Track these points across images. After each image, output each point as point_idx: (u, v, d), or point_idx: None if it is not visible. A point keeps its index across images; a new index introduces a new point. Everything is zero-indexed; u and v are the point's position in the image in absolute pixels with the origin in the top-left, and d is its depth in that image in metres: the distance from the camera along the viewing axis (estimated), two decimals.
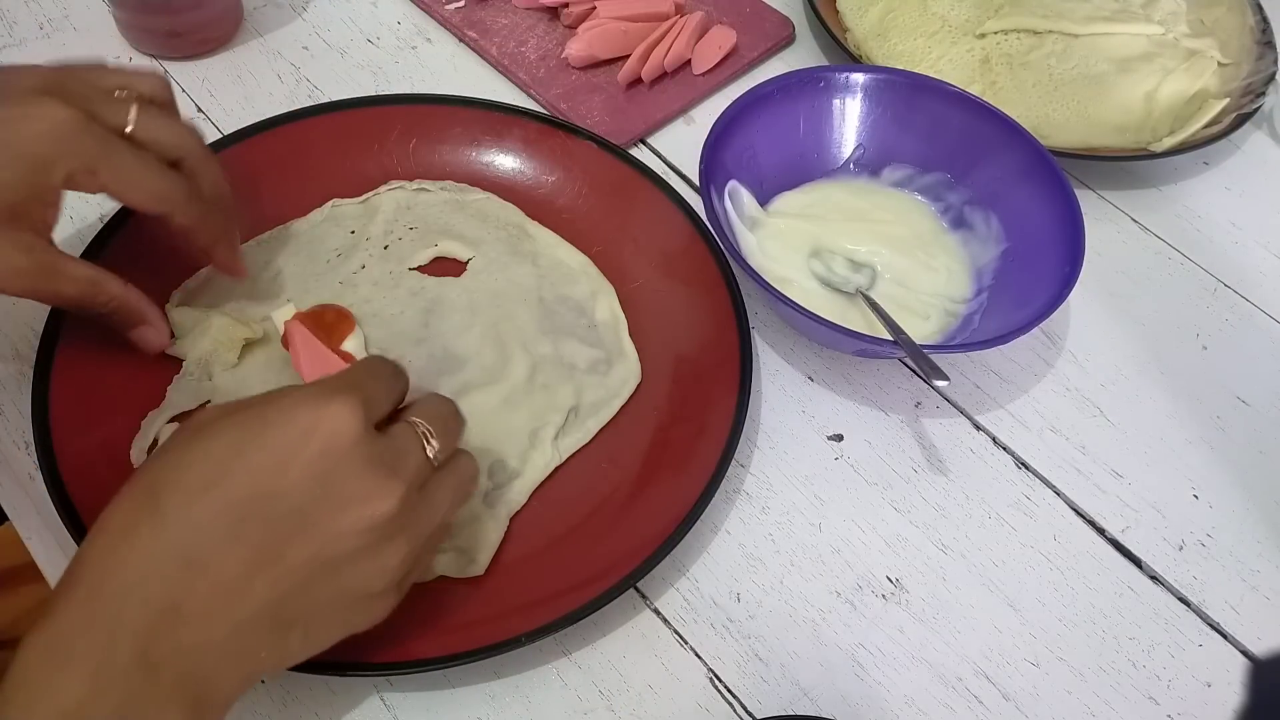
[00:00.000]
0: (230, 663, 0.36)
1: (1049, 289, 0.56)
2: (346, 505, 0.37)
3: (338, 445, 0.37)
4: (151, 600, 0.35)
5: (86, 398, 0.50)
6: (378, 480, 0.37)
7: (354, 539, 0.37)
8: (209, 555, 0.35)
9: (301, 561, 0.36)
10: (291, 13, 0.72)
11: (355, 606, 0.39)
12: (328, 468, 0.37)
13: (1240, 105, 0.70)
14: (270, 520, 0.36)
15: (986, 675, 0.50)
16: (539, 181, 0.62)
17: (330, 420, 0.37)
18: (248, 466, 0.36)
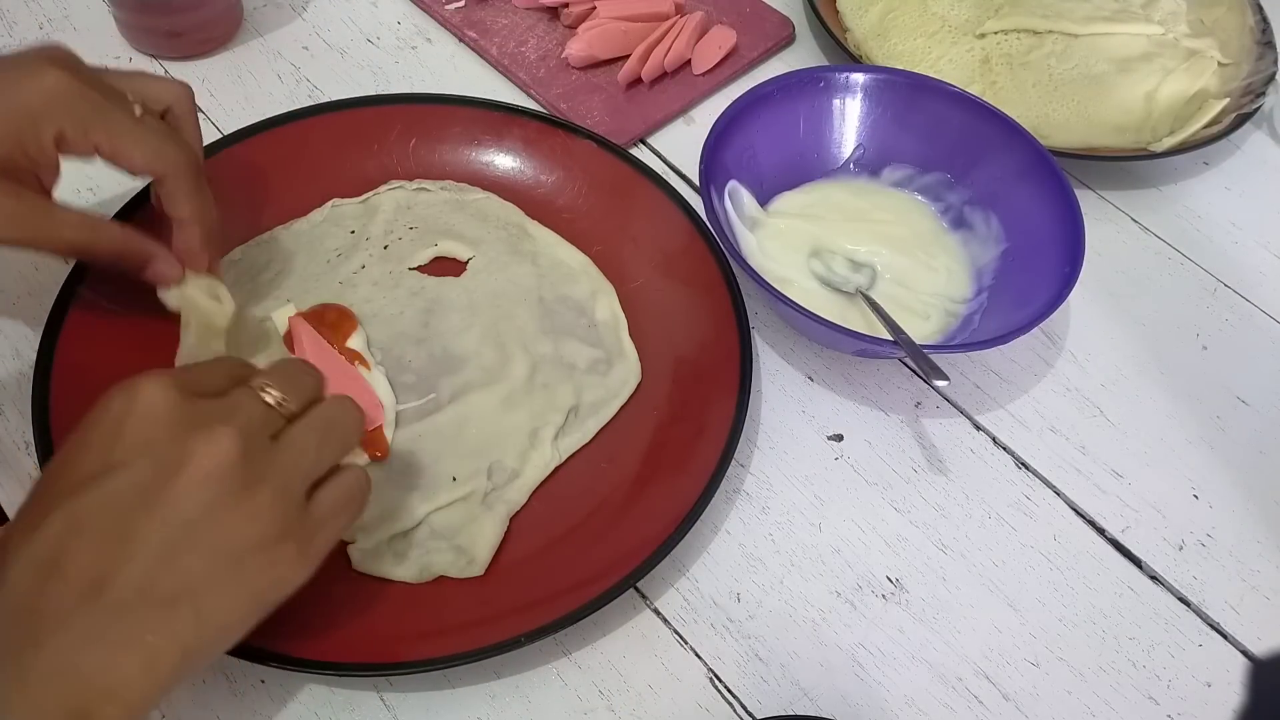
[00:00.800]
0: (114, 659, 0.34)
1: (1049, 289, 0.56)
2: (179, 465, 0.36)
3: (154, 414, 0.36)
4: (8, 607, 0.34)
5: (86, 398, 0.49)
6: (206, 433, 0.36)
7: (199, 493, 0.36)
8: (53, 552, 0.35)
9: (151, 531, 0.35)
10: (291, 13, 0.72)
11: (247, 567, 0.37)
12: (150, 437, 0.36)
13: (1240, 105, 0.70)
14: (105, 502, 0.35)
15: (986, 675, 0.50)
16: (539, 181, 0.62)
17: (139, 397, 0.37)
18: (77, 464, 0.36)
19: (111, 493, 0.35)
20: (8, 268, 0.58)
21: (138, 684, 0.35)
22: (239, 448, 0.37)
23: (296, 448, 0.39)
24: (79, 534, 0.35)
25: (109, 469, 0.36)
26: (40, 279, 0.57)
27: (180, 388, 0.38)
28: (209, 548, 0.36)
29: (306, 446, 0.39)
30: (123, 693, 0.35)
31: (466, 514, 0.49)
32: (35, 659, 0.34)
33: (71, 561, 0.35)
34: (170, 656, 0.35)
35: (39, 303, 0.55)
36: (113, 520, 0.35)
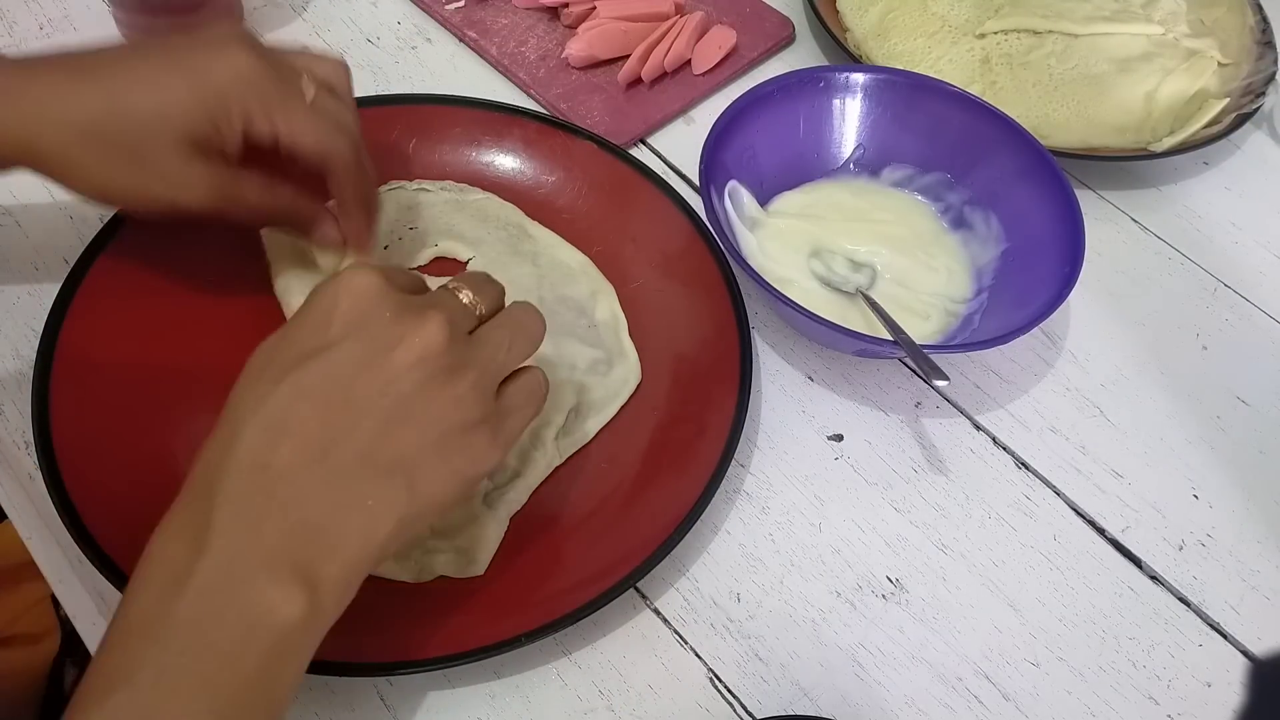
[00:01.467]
0: (337, 518, 0.37)
1: (1049, 289, 0.56)
2: (393, 344, 0.38)
3: (366, 298, 0.39)
4: (242, 464, 0.36)
5: (86, 398, 0.50)
6: (415, 317, 0.39)
7: (413, 373, 0.38)
8: (282, 416, 0.37)
9: (371, 402, 0.38)
10: (291, 13, 0.72)
11: (450, 447, 0.39)
12: (363, 318, 0.39)
13: (1240, 105, 0.70)
14: (328, 373, 0.38)
15: (986, 675, 0.50)
16: (539, 181, 0.62)
17: (352, 283, 0.39)
18: (295, 341, 0.39)
19: (334, 364, 0.38)
20: (8, 267, 0.58)
21: (357, 545, 0.37)
22: (446, 334, 0.39)
23: (492, 343, 0.42)
24: (306, 401, 0.37)
25: (328, 344, 0.38)
26: (40, 279, 0.57)
27: (386, 279, 0.40)
28: (421, 424, 0.38)
29: (500, 343, 0.42)
30: (343, 552, 0.37)
31: (467, 514, 0.49)
32: (267, 511, 0.36)
33: (300, 426, 0.37)
34: (387, 522, 0.38)
35: (39, 303, 0.56)
36: (337, 390, 0.38)
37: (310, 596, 0.36)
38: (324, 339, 0.38)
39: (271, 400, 0.37)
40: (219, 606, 0.35)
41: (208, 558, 0.35)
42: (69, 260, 0.54)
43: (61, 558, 0.49)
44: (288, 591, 0.36)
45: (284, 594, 0.36)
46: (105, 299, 0.53)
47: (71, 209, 0.60)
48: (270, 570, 0.36)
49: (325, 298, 0.39)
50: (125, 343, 0.52)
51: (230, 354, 0.52)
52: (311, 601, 0.36)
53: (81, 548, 0.45)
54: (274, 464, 0.37)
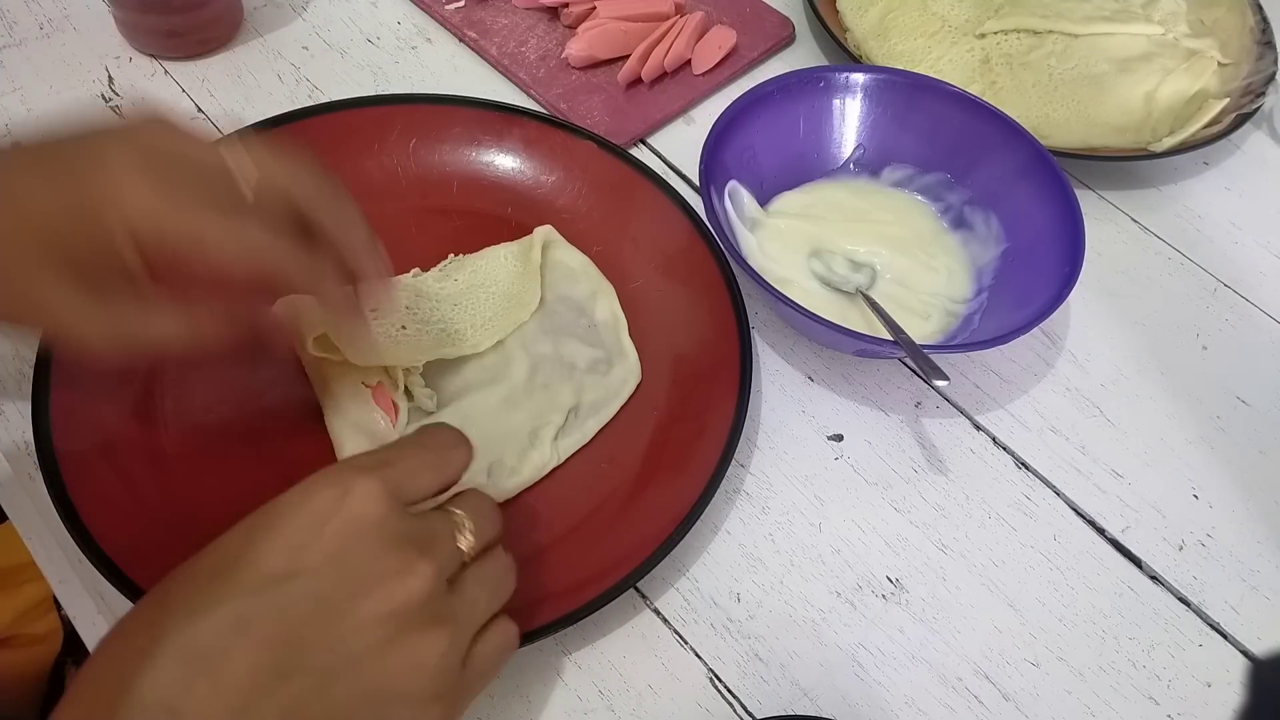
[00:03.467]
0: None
1: (1049, 289, 0.56)
2: (369, 588, 0.33)
3: (360, 523, 0.34)
4: (147, 703, 0.31)
5: (86, 398, 0.50)
6: (404, 558, 0.34)
7: (379, 627, 0.33)
8: (212, 652, 0.32)
9: (319, 654, 0.33)
10: (291, 13, 0.72)
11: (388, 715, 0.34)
12: (347, 547, 0.33)
13: (1240, 105, 0.70)
14: (282, 609, 0.32)
15: (986, 675, 0.50)
16: (539, 181, 0.62)
17: (354, 499, 0.34)
18: (260, 552, 0.33)
19: (292, 601, 0.33)
20: None
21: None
22: (429, 588, 0.34)
23: (470, 601, 0.37)
24: (246, 638, 0.32)
25: (296, 573, 0.33)
26: None
27: (391, 495, 0.35)
28: (366, 687, 0.33)
29: (478, 601, 0.37)
30: None
31: None
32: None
33: (229, 666, 0.32)
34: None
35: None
36: (282, 631, 0.32)
37: None
38: (296, 563, 0.33)
39: (205, 623, 0.32)
40: None
41: None
42: None
43: (62, 558, 0.49)
44: None
45: None
46: None
47: None
48: None
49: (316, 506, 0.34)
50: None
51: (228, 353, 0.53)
52: None
53: (81, 548, 0.45)
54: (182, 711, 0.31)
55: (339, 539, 0.33)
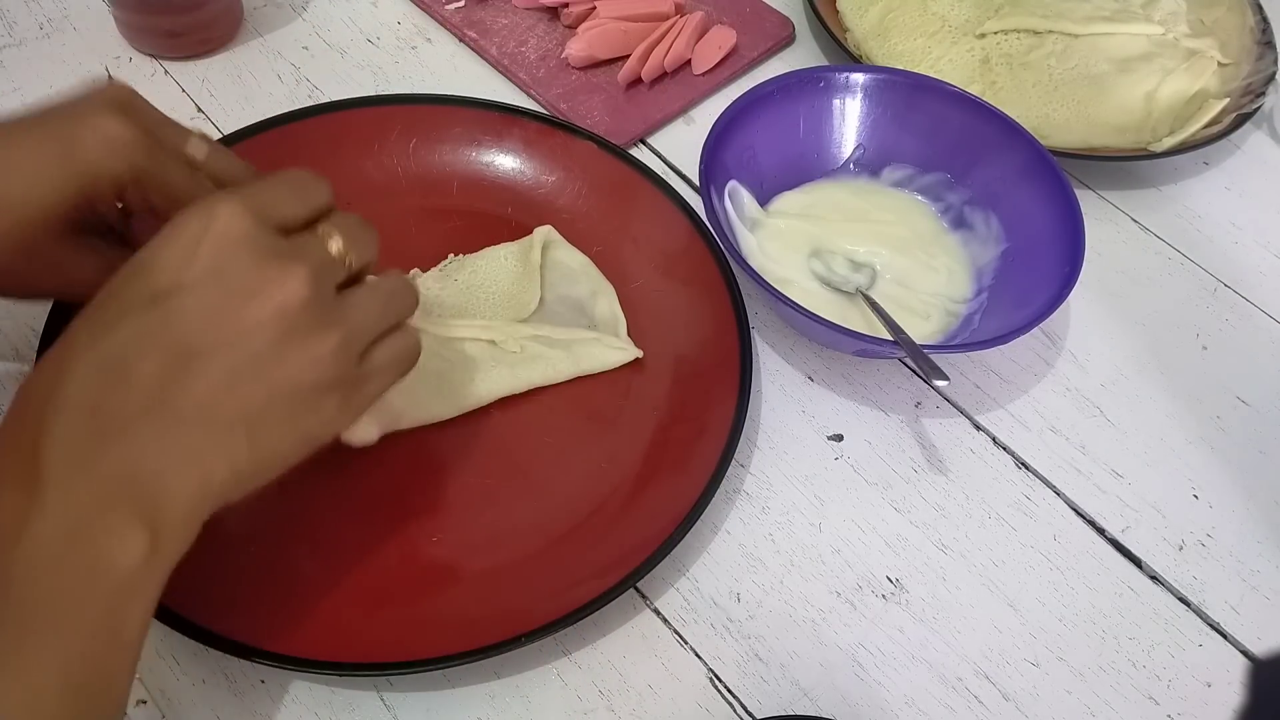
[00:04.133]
0: (172, 467, 0.35)
1: (1049, 289, 0.56)
2: (251, 295, 0.36)
3: (230, 239, 0.37)
4: (70, 405, 0.35)
5: None
6: (279, 266, 0.37)
7: (268, 328, 0.37)
8: (119, 360, 0.35)
9: (216, 354, 0.36)
10: (291, 13, 0.72)
11: (299, 407, 0.38)
12: (223, 262, 0.36)
13: (1240, 105, 0.70)
14: (177, 317, 0.36)
15: (986, 675, 0.50)
16: (539, 181, 0.62)
17: (219, 219, 0.37)
18: (146, 275, 0.36)
19: (183, 310, 0.36)
20: None
21: (188, 499, 0.36)
22: (309, 290, 0.37)
23: (362, 308, 0.40)
24: (148, 344, 0.35)
25: (181, 287, 0.36)
26: None
27: (257, 214, 0.37)
28: (269, 381, 0.37)
29: (371, 309, 0.40)
30: (173, 505, 0.36)
31: None
32: (100, 455, 0.34)
33: (138, 370, 0.35)
34: (221, 477, 0.37)
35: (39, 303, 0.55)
36: (182, 337, 0.36)
37: (150, 537, 0.35)
38: (177, 279, 0.36)
39: (110, 338, 0.35)
40: (58, 554, 0.34)
41: (41, 505, 0.34)
42: None
43: None
44: (127, 535, 0.34)
45: (124, 538, 0.34)
46: None
47: None
48: (108, 514, 0.34)
49: (187, 232, 0.37)
50: None
51: None
52: (151, 542, 0.35)
53: None
54: (105, 408, 0.35)
55: (213, 255, 0.36)
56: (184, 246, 0.36)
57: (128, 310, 0.36)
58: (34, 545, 0.34)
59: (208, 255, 0.36)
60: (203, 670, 0.46)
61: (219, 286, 0.36)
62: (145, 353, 0.35)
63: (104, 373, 0.35)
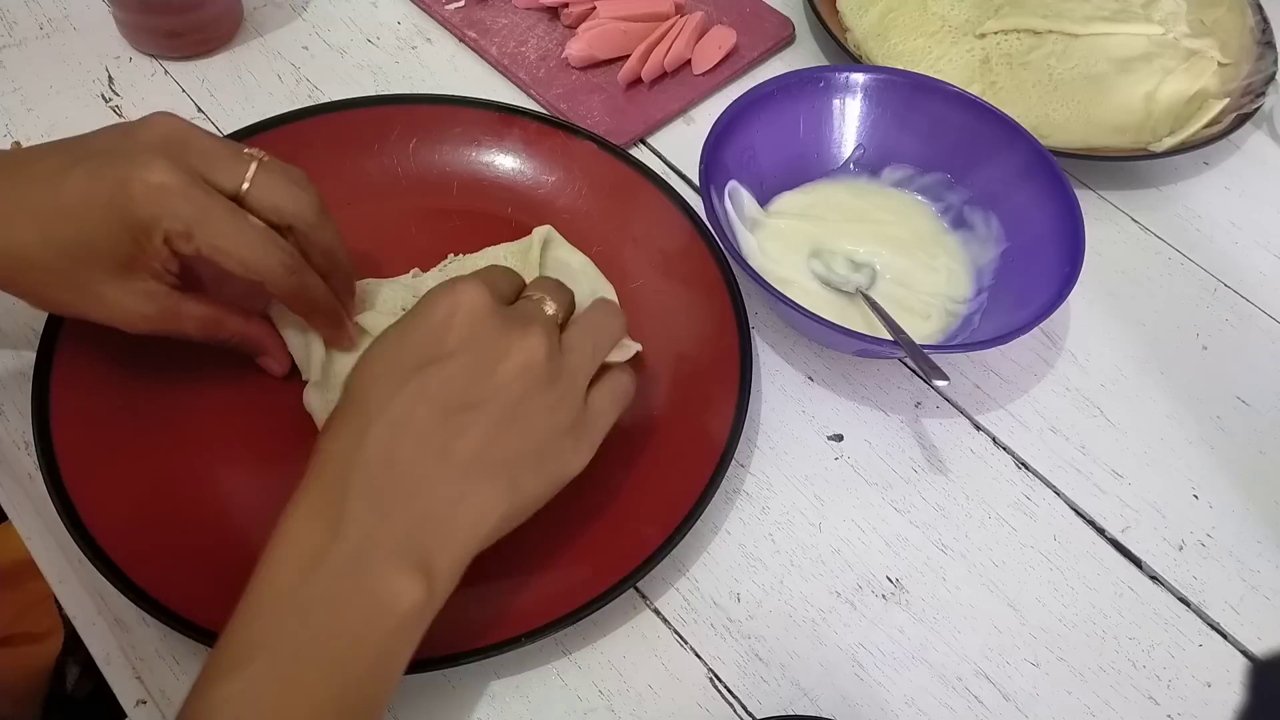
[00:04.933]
0: (453, 512, 0.40)
1: (1049, 289, 0.56)
2: (502, 356, 0.42)
3: (477, 313, 0.42)
4: (371, 460, 0.39)
5: (86, 398, 0.50)
6: (520, 331, 0.43)
7: (519, 383, 0.42)
8: (407, 417, 0.40)
9: (483, 408, 0.41)
10: (291, 13, 0.72)
11: (546, 451, 0.43)
12: (475, 331, 0.42)
13: (1240, 105, 0.70)
14: (446, 378, 0.41)
15: (986, 675, 0.50)
16: (539, 181, 0.62)
17: (465, 297, 0.43)
18: (412, 345, 0.42)
19: (452, 372, 0.41)
20: None
21: (466, 537, 0.40)
22: (546, 346, 0.43)
23: (579, 350, 0.45)
24: (428, 403, 0.40)
25: (447, 355, 0.41)
26: None
27: (492, 292, 0.43)
28: (523, 429, 0.42)
29: (585, 349, 0.46)
30: (456, 544, 0.40)
31: None
32: (395, 503, 0.39)
33: (423, 426, 0.40)
34: (492, 517, 0.41)
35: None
36: (455, 395, 0.41)
37: (427, 584, 0.38)
38: (442, 349, 0.42)
39: (397, 401, 0.40)
40: (350, 589, 0.38)
41: (341, 542, 0.38)
42: None
43: (61, 558, 0.49)
44: (410, 579, 0.38)
45: (407, 581, 0.38)
46: None
47: None
48: (396, 559, 0.38)
49: (440, 309, 0.42)
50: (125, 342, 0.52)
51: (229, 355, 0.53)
52: (428, 589, 0.39)
53: (81, 548, 0.45)
54: (399, 460, 0.40)
55: (467, 326, 0.42)
56: (440, 321, 0.42)
57: (407, 376, 0.41)
58: (331, 578, 0.38)
59: (462, 326, 0.42)
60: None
61: (476, 351, 0.42)
62: (426, 410, 0.40)
63: (394, 429, 0.40)
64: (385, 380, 0.41)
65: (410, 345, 0.42)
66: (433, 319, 0.43)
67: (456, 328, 0.42)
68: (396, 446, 0.40)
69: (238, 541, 0.48)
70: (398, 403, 0.40)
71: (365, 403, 0.41)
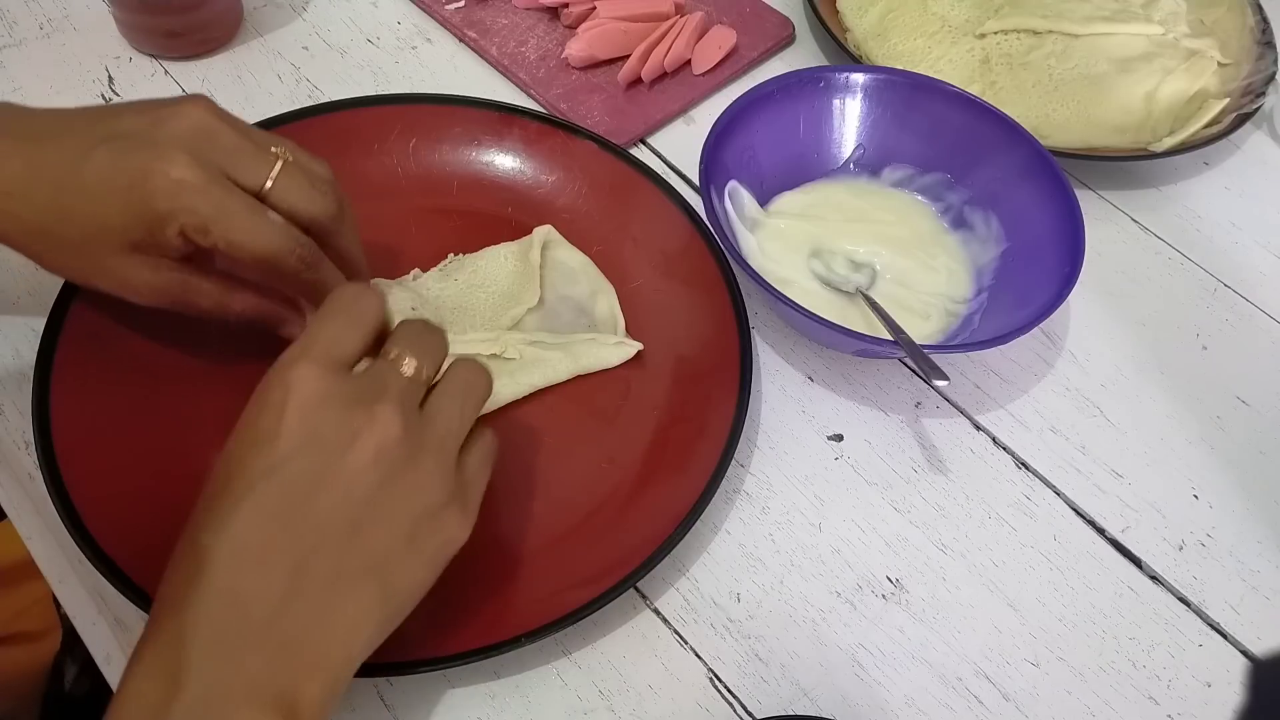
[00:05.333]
0: (316, 634, 0.36)
1: (1049, 289, 0.56)
2: (347, 446, 0.37)
3: (310, 401, 0.38)
4: (209, 598, 0.35)
5: (86, 397, 0.50)
6: (365, 412, 0.38)
7: (372, 472, 0.38)
8: (246, 541, 0.36)
9: (333, 513, 0.37)
10: (291, 13, 0.72)
11: (421, 534, 0.39)
12: (313, 424, 0.37)
13: (1240, 105, 0.70)
14: (285, 486, 0.37)
15: (986, 675, 0.50)
16: (539, 181, 0.62)
17: (295, 385, 0.38)
18: (250, 457, 0.37)
19: (291, 481, 0.37)
20: (8, 268, 0.58)
21: (338, 658, 0.37)
22: (400, 421, 0.38)
23: (444, 415, 0.41)
24: (269, 522, 0.36)
25: (283, 460, 0.37)
26: (40, 279, 0.57)
27: (327, 366, 0.39)
28: (387, 522, 0.38)
29: (452, 414, 0.41)
30: (324, 668, 0.37)
31: None
32: (243, 639, 0.35)
33: (266, 549, 0.36)
34: (365, 629, 0.38)
35: (39, 303, 0.56)
36: (297, 506, 0.37)
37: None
38: (275, 455, 0.37)
39: (233, 525, 0.36)
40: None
41: (184, 697, 0.34)
42: None
43: (61, 558, 0.49)
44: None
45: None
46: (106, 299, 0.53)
47: None
48: (250, 704, 0.35)
49: (270, 405, 0.38)
50: (126, 343, 0.52)
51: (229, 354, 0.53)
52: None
53: (81, 548, 0.45)
54: (244, 590, 0.36)
55: (300, 421, 0.37)
56: (271, 418, 0.37)
57: (244, 494, 0.37)
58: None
59: (295, 422, 0.37)
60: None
61: (314, 450, 0.37)
62: (267, 530, 0.36)
63: (235, 557, 0.36)
64: (218, 501, 0.37)
65: (242, 452, 0.38)
66: (263, 419, 0.38)
67: (288, 423, 0.37)
68: (238, 577, 0.36)
69: None
70: (234, 526, 0.36)
71: (198, 532, 0.37)
